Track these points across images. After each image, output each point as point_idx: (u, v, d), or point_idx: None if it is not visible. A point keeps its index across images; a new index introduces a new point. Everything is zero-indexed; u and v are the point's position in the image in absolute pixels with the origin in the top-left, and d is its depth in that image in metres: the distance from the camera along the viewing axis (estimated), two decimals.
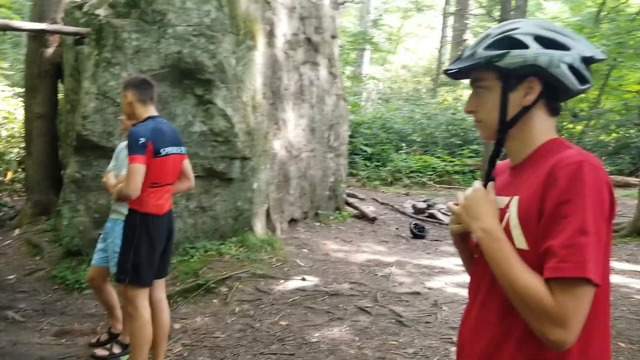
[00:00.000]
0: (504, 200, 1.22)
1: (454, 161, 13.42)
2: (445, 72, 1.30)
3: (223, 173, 5.59)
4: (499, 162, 1.34)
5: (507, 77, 1.19)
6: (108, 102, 5.08)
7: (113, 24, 5.16)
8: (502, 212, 1.19)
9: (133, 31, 5.16)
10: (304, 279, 5.13)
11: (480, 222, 1.18)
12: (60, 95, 6.78)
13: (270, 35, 6.47)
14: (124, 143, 3.46)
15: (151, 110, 3.18)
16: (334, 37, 8.56)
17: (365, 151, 13.53)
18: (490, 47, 1.19)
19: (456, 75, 1.29)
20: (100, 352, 3.61)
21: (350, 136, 11.46)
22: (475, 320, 1.27)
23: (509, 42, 1.17)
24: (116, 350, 3.59)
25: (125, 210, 3.21)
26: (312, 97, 7.74)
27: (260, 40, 6.08)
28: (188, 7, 5.30)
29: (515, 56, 1.16)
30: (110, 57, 5.12)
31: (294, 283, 5.02)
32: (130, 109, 3.18)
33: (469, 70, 1.24)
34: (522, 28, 1.18)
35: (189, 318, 4.25)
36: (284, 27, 6.86)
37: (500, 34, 1.19)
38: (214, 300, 4.59)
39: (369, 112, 16.72)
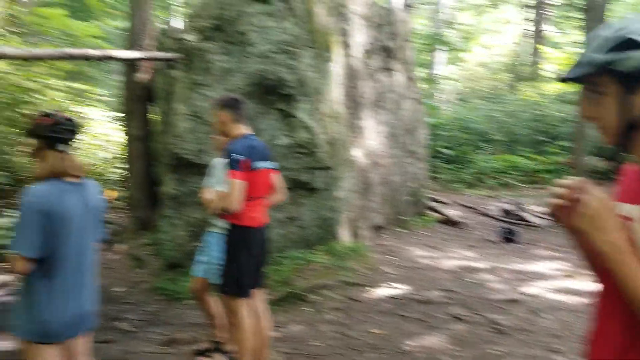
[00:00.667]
0: (631, 208, 1.16)
1: (540, 159, 12.78)
2: (562, 79, 1.27)
3: (307, 183, 5.71)
4: (629, 167, 1.29)
5: (626, 79, 1.15)
6: (199, 121, 5.38)
7: (201, 47, 5.47)
8: (627, 220, 1.15)
9: (219, 53, 5.44)
10: (392, 287, 5.11)
11: (605, 235, 1.12)
12: (152, 117, 7.25)
13: (346, 45, 6.55)
14: (218, 160, 3.64)
15: (243, 128, 3.33)
16: (407, 41, 8.50)
17: (445, 154, 13.24)
18: (605, 50, 1.16)
19: (571, 82, 1.26)
20: None
21: (430, 139, 11.27)
22: (600, 329, 1.23)
23: (625, 44, 1.13)
24: (219, 358, 3.77)
25: (221, 224, 3.38)
26: (390, 103, 7.72)
27: (337, 52, 6.17)
28: (268, 25, 5.50)
29: (634, 58, 1.12)
30: (199, 79, 5.42)
31: (383, 290, 5.02)
32: (224, 127, 3.34)
33: (584, 75, 1.20)
34: (638, 27, 1.14)
35: (283, 326, 4.36)
36: (359, 36, 6.92)
37: (614, 36, 1.16)
38: (306, 309, 4.69)
39: (447, 114, 16.35)
